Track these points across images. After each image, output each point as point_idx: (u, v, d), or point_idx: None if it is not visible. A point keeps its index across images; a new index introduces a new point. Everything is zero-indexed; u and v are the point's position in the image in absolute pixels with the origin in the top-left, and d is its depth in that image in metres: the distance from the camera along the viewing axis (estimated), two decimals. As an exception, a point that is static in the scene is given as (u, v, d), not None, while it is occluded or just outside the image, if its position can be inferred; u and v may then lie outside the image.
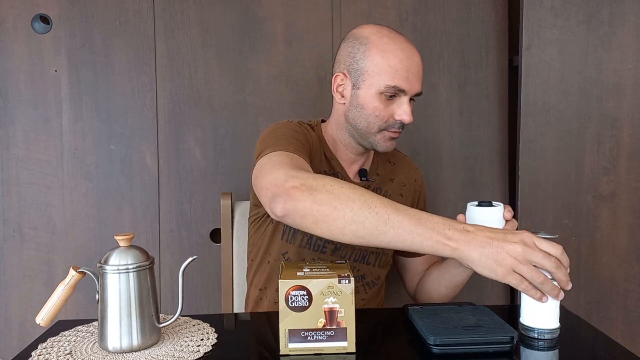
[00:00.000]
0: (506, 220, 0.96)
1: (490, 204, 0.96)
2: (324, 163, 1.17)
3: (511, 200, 1.73)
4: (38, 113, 1.65)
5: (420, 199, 1.31)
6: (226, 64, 1.68)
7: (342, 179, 1.17)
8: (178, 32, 1.66)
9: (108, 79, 1.66)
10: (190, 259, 0.87)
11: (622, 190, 1.62)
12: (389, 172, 1.25)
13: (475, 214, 0.96)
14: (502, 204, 0.97)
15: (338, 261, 0.91)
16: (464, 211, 1.74)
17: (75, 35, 1.64)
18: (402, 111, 1.08)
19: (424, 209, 1.30)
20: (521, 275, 0.79)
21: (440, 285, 1.19)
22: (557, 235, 0.93)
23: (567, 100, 1.61)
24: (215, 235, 1.69)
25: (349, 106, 1.13)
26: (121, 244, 0.83)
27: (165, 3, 1.65)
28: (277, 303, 1.16)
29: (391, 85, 1.06)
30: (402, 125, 1.11)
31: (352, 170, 1.21)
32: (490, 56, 1.72)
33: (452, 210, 1.73)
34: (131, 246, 0.84)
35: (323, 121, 1.24)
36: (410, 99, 1.10)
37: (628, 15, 1.58)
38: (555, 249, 0.79)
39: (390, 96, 1.08)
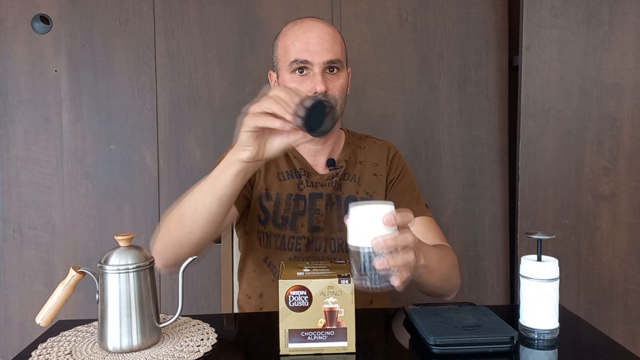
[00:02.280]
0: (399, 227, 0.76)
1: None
2: (282, 164, 1.18)
3: (511, 200, 1.73)
4: (38, 113, 1.65)
5: (396, 168, 1.24)
6: (226, 64, 1.68)
7: (305, 175, 1.18)
8: (178, 32, 1.66)
9: (108, 79, 1.66)
10: (190, 259, 0.87)
11: (622, 190, 1.62)
12: (359, 156, 1.24)
13: (353, 212, 0.75)
14: (389, 204, 0.75)
15: (338, 261, 0.91)
16: (464, 211, 1.75)
17: (75, 35, 1.64)
18: (314, 82, 1.07)
19: (403, 177, 1.23)
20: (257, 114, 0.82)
21: None
22: (555, 235, 0.92)
23: (567, 100, 1.61)
24: (215, 235, 1.69)
25: None
26: (121, 244, 0.83)
27: (165, 3, 1.65)
28: (262, 309, 1.17)
29: (292, 60, 1.08)
30: (328, 98, 1.06)
31: (319, 162, 1.20)
32: (490, 56, 1.72)
33: (452, 210, 1.73)
34: (131, 246, 0.84)
35: None
36: (330, 70, 1.09)
37: (628, 15, 1.58)
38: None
39: (301, 71, 1.08)
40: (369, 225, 0.73)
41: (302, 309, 0.79)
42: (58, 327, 0.93)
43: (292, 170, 1.18)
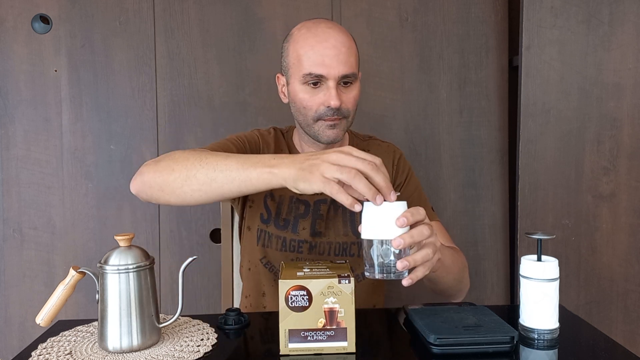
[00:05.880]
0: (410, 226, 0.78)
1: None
2: None
3: (511, 200, 1.73)
4: (38, 113, 1.65)
5: (402, 172, 1.24)
6: (226, 64, 1.68)
7: None
8: (178, 32, 1.66)
9: (108, 79, 1.66)
10: (190, 259, 0.87)
11: (622, 190, 1.62)
12: None
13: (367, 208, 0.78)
14: (402, 203, 0.78)
15: (338, 261, 0.91)
16: (464, 211, 1.75)
17: (75, 35, 1.64)
18: (328, 96, 1.04)
19: (409, 181, 1.23)
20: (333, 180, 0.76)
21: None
22: (555, 236, 0.92)
23: (567, 100, 1.61)
24: (215, 235, 1.69)
25: (290, 104, 1.13)
26: (121, 244, 0.83)
27: (165, 3, 1.65)
28: (265, 308, 1.17)
29: (306, 72, 1.04)
30: (341, 112, 1.06)
31: None
32: (490, 56, 1.72)
33: (452, 210, 1.73)
34: (131, 246, 0.84)
35: None
36: (345, 83, 1.06)
37: (628, 15, 1.58)
38: (373, 157, 0.78)
39: (314, 84, 1.05)
40: (383, 221, 0.76)
41: (302, 309, 0.79)
42: (58, 327, 0.93)
43: None
